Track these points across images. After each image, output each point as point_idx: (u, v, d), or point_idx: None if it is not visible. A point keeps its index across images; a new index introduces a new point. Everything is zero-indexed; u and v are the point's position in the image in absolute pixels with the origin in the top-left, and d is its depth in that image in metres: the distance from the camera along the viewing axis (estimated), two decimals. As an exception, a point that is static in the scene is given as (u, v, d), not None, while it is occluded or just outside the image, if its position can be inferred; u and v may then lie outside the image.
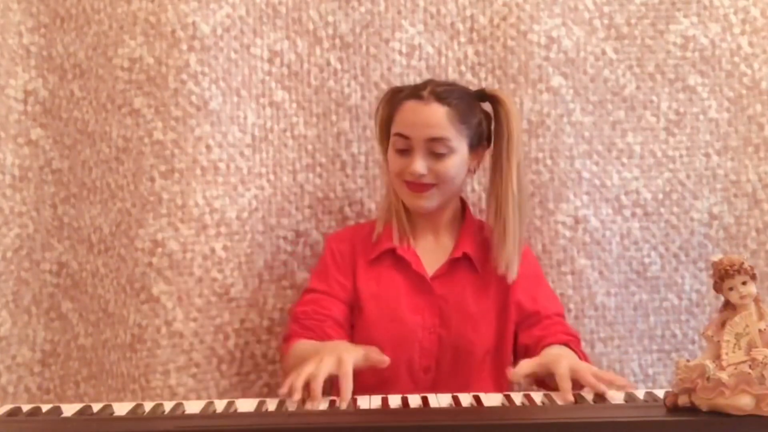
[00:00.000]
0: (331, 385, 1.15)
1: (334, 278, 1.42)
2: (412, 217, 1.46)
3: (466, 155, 1.40)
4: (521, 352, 1.41)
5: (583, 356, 1.35)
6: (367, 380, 1.22)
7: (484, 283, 1.41)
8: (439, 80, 1.51)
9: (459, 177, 1.40)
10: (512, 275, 1.38)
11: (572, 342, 1.37)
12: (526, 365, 1.20)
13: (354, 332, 1.41)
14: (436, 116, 1.36)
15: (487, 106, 1.45)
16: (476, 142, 1.41)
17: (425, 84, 1.42)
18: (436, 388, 1.26)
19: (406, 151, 1.38)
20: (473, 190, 1.64)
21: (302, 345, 1.33)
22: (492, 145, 1.44)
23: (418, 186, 1.38)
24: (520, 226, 1.39)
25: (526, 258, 1.46)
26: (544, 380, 1.25)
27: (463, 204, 1.50)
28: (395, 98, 1.44)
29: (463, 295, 1.40)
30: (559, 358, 1.18)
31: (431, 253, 1.44)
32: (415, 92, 1.40)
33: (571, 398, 1.08)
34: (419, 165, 1.36)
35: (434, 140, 1.35)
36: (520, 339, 1.41)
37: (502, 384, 1.41)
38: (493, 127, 1.44)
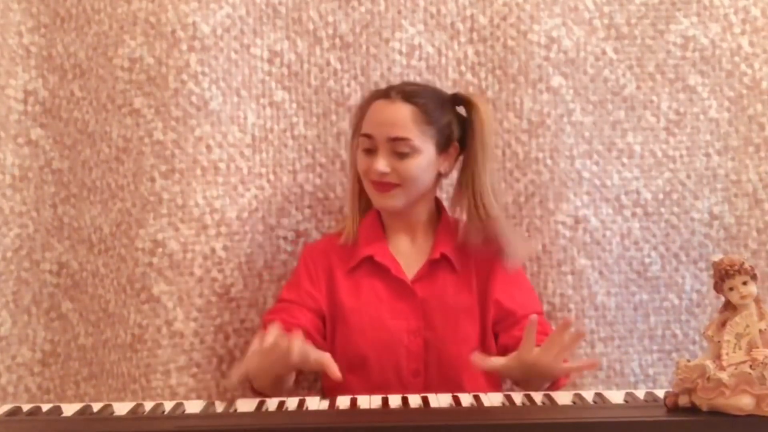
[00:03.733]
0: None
1: (305, 289, 1.42)
2: (387, 220, 1.46)
3: (433, 156, 1.40)
4: (500, 352, 1.39)
5: None
6: (357, 390, 1.21)
7: (465, 282, 1.41)
8: (413, 82, 1.53)
9: (424, 177, 1.40)
10: (522, 256, 1.47)
11: None
12: (497, 360, 1.22)
13: (337, 344, 1.40)
14: (400, 115, 1.37)
15: (462, 110, 1.46)
16: (444, 143, 1.41)
17: (397, 84, 1.45)
18: (428, 391, 1.25)
19: (371, 151, 1.39)
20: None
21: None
22: (466, 148, 1.44)
23: (382, 185, 1.38)
24: (506, 222, 1.45)
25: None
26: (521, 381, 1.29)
27: (439, 204, 1.50)
28: (369, 99, 1.45)
29: (445, 295, 1.40)
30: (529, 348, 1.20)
31: (409, 255, 1.44)
32: (385, 92, 1.42)
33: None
34: (381, 164, 1.36)
35: (396, 140, 1.36)
36: (501, 339, 1.41)
37: (493, 381, 1.41)
38: (467, 130, 1.44)
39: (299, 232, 1.62)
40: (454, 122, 1.43)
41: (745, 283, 0.94)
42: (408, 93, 1.39)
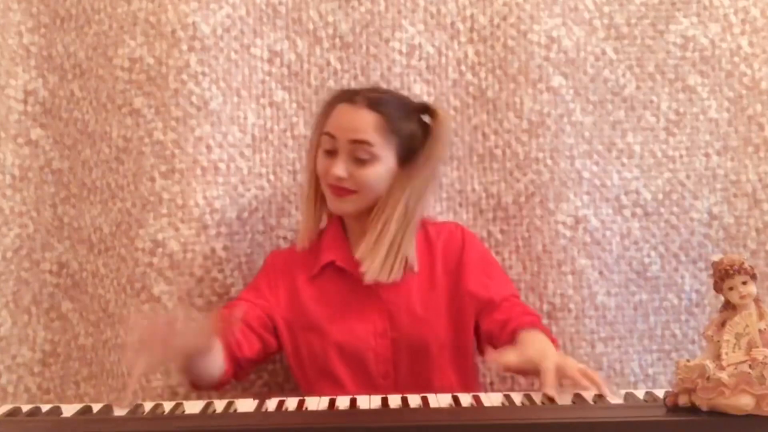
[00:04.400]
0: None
1: (262, 293, 1.42)
2: (349, 224, 1.45)
3: (393, 166, 1.37)
4: (485, 338, 1.40)
5: (548, 333, 1.35)
6: (327, 393, 1.20)
7: (429, 278, 1.41)
8: (380, 88, 1.51)
9: (381, 186, 1.37)
10: (371, 277, 1.34)
11: (537, 322, 1.36)
12: (511, 356, 1.17)
13: (304, 352, 1.40)
14: (363, 122, 1.35)
15: (427, 119, 1.43)
16: (406, 156, 1.38)
17: (363, 89, 1.43)
18: (398, 392, 1.23)
19: (331, 153, 1.37)
20: (473, 190, 1.64)
21: None
22: (417, 152, 1.39)
23: (338, 189, 1.37)
24: (403, 235, 1.36)
25: (472, 244, 1.45)
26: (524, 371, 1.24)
27: None
28: (333, 100, 1.42)
29: (409, 294, 1.39)
30: (545, 353, 1.16)
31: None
32: (349, 96, 1.40)
33: (553, 392, 1.07)
34: (339, 168, 1.35)
35: (357, 143, 1.34)
36: (483, 326, 1.39)
37: (466, 377, 1.41)
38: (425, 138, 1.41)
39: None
40: (418, 133, 1.40)
41: (744, 283, 0.94)
42: (373, 101, 1.37)
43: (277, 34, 1.62)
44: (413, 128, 1.40)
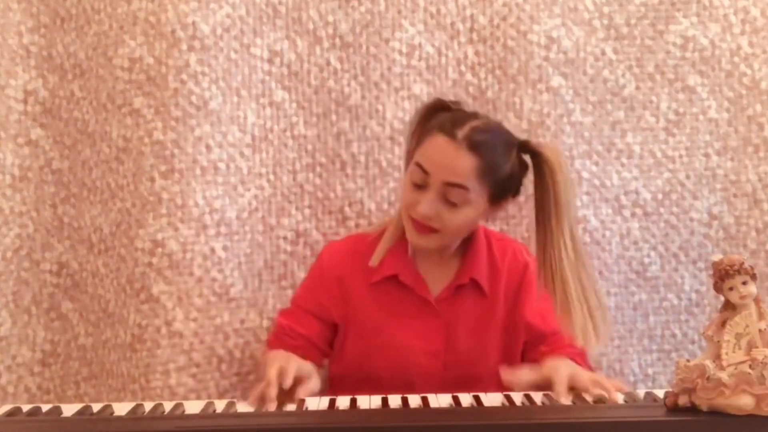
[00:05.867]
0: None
1: (317, 298, 1.40)
2: None
3: (483, 209, 1.31)
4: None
5: (589, 369, 1.32)
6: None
7: (492, 306, 1.37)
8: (481, 119, 1.32)
9: (467, 228, 1.34)
10: (592, 344, 1.24)
11: (577, 356, 1.32)
12: (526, 374, 1.18)
13: (350, 355, 1.37)
14: (462, 164, 1.25)
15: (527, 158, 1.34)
16: (500, 194, 1.31)
17: (465, 120, 1.28)
18: None
19: (420, 187, 1.28)
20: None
21: (271, 354, 1.33)
22: (535, 204, 1.30)
23: (421, 226, 1.29)
24: (586, 291, 1.25)
25: (532, 269, 1.40)
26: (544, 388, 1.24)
27: None
28: (431, 120, 1.32)
29: (470, 319, 1.35)
30: (558, 367, 1.16)
31: (437, 274, 1.38)
32: (450, 128, 1.27)
33: (567, 400, 1.08)
34: (427, 207, 1.26)
35: (452, 185, 1.25)
36: (529, 355, 1.38)
37: None
38: (536, 184, 1.31)
39: (299, 232, 1.62)
40: (517, 172, 1.32)
41: (744, 283, 0.94)
42: (475, 143, 1.25)
43: (277, 34, 1.62)
44: (511, 169, 1.30)
